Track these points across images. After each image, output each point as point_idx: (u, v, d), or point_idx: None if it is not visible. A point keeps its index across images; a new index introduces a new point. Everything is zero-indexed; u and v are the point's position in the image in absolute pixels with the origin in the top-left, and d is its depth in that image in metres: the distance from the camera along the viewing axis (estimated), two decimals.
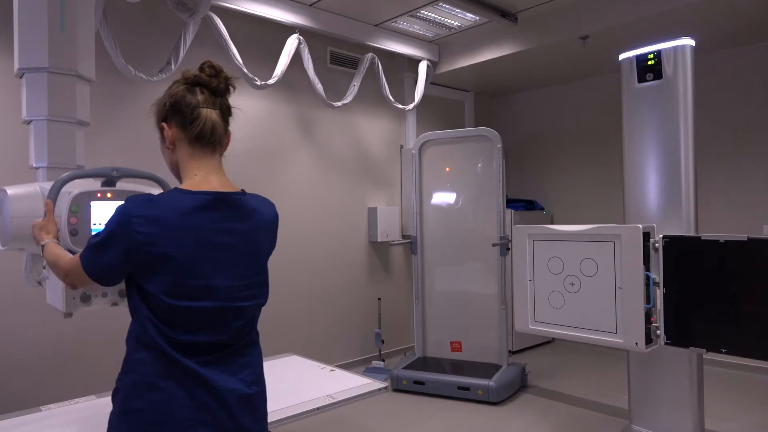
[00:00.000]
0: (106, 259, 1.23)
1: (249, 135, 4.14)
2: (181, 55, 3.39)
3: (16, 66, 1.96)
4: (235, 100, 1.40)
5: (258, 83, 3.82)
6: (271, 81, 3.87)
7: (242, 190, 1.34)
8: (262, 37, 4.19)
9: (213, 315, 1.24)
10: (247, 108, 4.06)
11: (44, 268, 1.70)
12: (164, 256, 1.18)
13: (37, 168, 1.98)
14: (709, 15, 3.94)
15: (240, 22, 3.96)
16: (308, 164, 4.60)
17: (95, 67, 2.11)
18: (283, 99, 4.40)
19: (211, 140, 1.31)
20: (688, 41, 2.90)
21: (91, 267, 1.27)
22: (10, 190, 1.70)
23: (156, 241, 1.18)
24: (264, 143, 4.27)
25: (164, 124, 1.33)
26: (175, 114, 1.30)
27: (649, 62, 2.97)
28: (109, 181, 1.71)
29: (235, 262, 1.28)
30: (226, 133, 1.37)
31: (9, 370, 3.06)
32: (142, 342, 1.22)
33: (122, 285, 1.30)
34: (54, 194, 1.59)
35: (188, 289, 1.20)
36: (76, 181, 1.68)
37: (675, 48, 2.89)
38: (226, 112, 1.36)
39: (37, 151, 1.96)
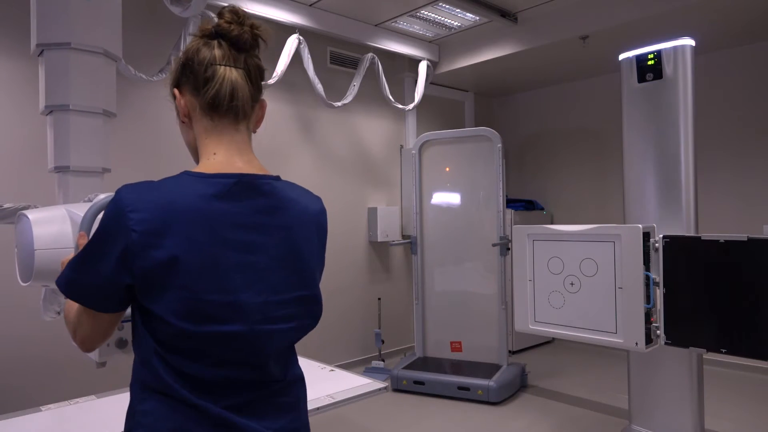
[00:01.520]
0: (93, 274, 0.90)
1: None
2: None
3: (34, 42, 1.70)
4: None
5: None
6: (271, 81, 3.87)
7: (277, 176, 1.02)
8: None
9: (243, 343, 0.92)
10: None
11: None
12: (172, 261, 0.86)
13: (57, 171, 1.71)
14: (709, 15, 3.94)
15: None
16: (308, 164, 4.60)
17: None
18: (283, 99, 4.40)
19: (230, 107, 0.98)
20: (688, 41, 2.90)
21: (73, 288, 0.94)
22: (32, 215, 1.39)
23: (160, 241, 0.86)
24: (264, 143, 4.27)
25: (176, 91, 1.02)
26: (188, 75, 0.99)
27: (649, 62, 2.97)
28: None
29: (270, 270, 0.96)
30: (258, 103, 1.04)
31: (9, 370, 3.06)
32: (150, 386, 0.92)
33: None
34: (87, 225, 1.28)
35: (209, 308, 0.89)
36: None
37: (675, 48, 2.89)
38: (254, 72, 1.01)
39: (58, 150, 1.67)
